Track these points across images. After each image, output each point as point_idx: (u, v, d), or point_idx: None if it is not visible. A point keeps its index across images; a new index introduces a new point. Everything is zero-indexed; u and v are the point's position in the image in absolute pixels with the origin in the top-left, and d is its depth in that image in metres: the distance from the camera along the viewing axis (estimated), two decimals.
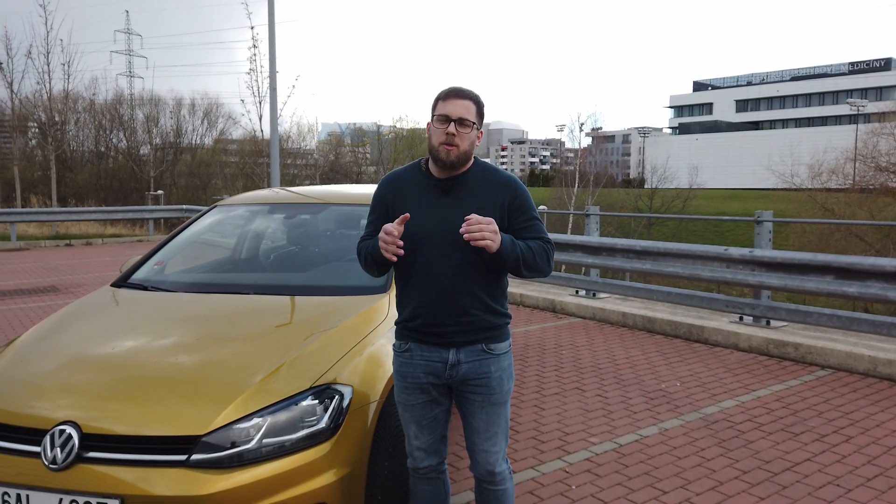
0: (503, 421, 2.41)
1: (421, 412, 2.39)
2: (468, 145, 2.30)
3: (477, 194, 2.32)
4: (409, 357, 2.37)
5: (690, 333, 6.53)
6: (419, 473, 2.47)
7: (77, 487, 2.21)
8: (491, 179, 2.36)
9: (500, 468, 2.42)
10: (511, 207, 2.33)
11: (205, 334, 2.86)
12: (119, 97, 43.49)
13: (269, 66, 12.78)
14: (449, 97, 2.31)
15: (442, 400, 2.41)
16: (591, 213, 8.09)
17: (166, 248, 3.84)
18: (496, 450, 2.40)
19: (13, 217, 17.19)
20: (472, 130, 2.30)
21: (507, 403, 2.42)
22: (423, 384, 2.36)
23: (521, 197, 2.36)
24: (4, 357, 2.80)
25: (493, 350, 2.36)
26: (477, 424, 2.38)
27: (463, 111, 2.28)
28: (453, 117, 2.27)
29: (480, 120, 2.34)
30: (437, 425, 2.42)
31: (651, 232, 36.04)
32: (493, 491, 2.45)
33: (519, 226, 2.33)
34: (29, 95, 22.14)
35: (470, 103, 2.31)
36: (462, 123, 2.28)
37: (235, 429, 2.32)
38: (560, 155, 74.62)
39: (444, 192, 2.33)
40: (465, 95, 2.32)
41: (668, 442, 3.98)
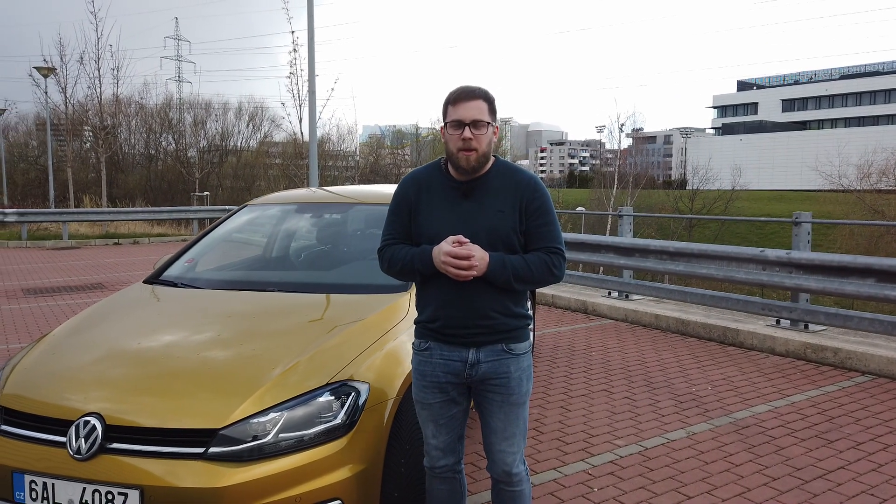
0: (521, 421, 2.39)
1: (439, 411, 2.38)
2: (486, 146, 2.27)
3: (497, 196, 2.30)
4: (429, 356, 2.36)
5: (725, 337, 6.39)
6: (435, 472, 2.47)
7: (100, 477, 2.28)
8: (511, 180, 2.33)
9: (517, 469, 2.40)
10: (528, 210, 2.30)
11: (227, 330, 2.92)
12: (168, 101, 44.73)
13: (308, 70, 12.97)
14: (459, 100, 2.26)
15: (460, 399, 2.40)
16: (623, 214, 7.99)
17: (197, 246, 3.94)
18: (513, 450, 2.38)
19: (65, 217, 17.83)
20: (488, 130, 2.27)
21: (525, 404, 2.40)
22: (442, 383, 2.35)
23: (539, 200, 2.32)
24: (36, 350, 2.91)
25: (512, 350, 2.34)
26: (495, 424, 2.37)
27: (475, 113, 2.24)
28: (466, 121, 2.23)
29: (494, 116, 2.31)
30: (454, 424, 2.42)
31: (692, 234, 35.35)
32: (510, 492, 2.44)
33: (533, 230, 2.30)
34: (81, 100, 22.88)
35: (481, 102, 2.26)
36: (476, 125, 2.24)
37: (253, 423, 2.37)
38: (600, 156, 73.86)
39: (464, 195, 2.32)
40: (475, 95, 2.27)
41: (696, 446, 3.91)
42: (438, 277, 2.27)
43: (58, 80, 21.73)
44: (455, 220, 2.29)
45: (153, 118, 42.93)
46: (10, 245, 16.68)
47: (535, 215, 2.30)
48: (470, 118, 2.24)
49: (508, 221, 2.28)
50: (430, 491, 2.52)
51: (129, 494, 2.25)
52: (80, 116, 23.28)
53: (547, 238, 2.30)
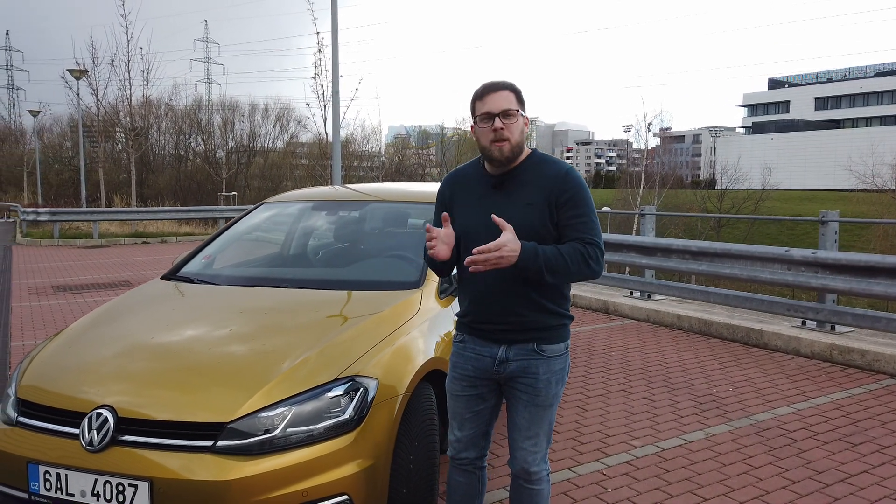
0: (546, 423, 2.37)
1: (466, 404, 2.39)
2: (518, 135, 2.26)
3: (527, 188, 2.27)
4: (463, 348, 2.39)
5: (749, 338, 6.27)
6: (456, 463, 2.47)
7: (111, 469, 2.31)
8: (544, 171, 2.29)
9: (537, 468, 2.38)
10: (559, 202, 2.23)
11: (239, 326, 2.94)
12: (198, 103, 45.44)
13: (332, 70, 13.05)
14: (486, 93, 2.26)
15: (488, 396, 2.39)
16: (646, 213, 7.89)
17: (214, 243, 3.99)
18: (536, 449, 2.36)
19: (96, 216, 18.23)
20: (518, 118, 2.26)
21: (553, 406, 2.37)
22: (471, 377, 2.36)
23: (571, 191, 2.24)
24: (53, 344, 2.97)
25: (544, 351, 2.30)
26: (520, 422, 2.35)
27: (504, 103, 2.24)
28: (496, 111, 2.23)
29: (523, 106, 2.30)
30: (479, 420, 2.41)
31: (720, 235, 34.82)
32: (528, 489, 2.42)
33: (565, 222, 2.23)
34: (112, 102, 23.34)
35: (507, 93, 2.26)
36: (507, 115, 2.23)
37: (261, 417, 2.38)
38: (627, 156, 73.18)
39: (494, 187, 2.31)
40: (501, 87, 2.27)
41: (714, 448, 3.84)
42: (469, 273, 2.20)
43: (89, 83, 22.19)
44: (483, 212, 2.24)
45: (183, 119, 43.67)
46: (42, 243, 17.09)
47: (566, 206, 2.23)
48: (499, 108, 2.23)
49: (537, 214, 2.23)
50: (449, 482, 2.52)
51: (138, 486, 2.27)
52: (111, 118, 23.72)
53: (581, 229, 2.22)
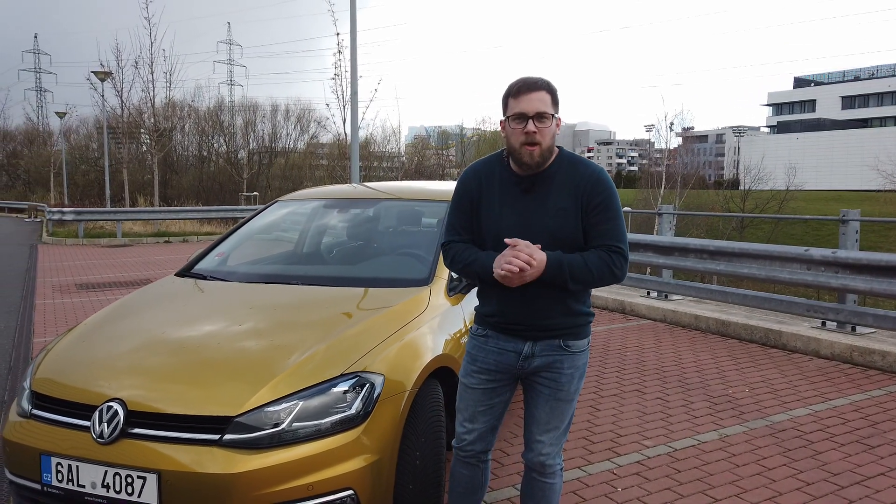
0: (566, 417, 2.38)
1: (480, 397, 2.39)
2: (550, 139, 2.20)
3: (560, 192, 2.23)
4: (484, 342, 2.37)
5: (767, 338, 6.19)
6: (461, 456, 2.47)
7: (120, 461, 2.34)
8: (574, 174, 2.23)
9: (551, 461, 2.39)
10: (589, 206, 2.20)
11: (248, 321, 2.97)
12: (220, 104, 45.93)
13: (351, 70, 13.10)
14: (521, 92, 2.18)
15: (503, 391, 2.40)
16: (663, 213, 7.82)
17: (228, 240, 4.03)
18: (553, 443, 2.37)
19: (119, 216, 18.53)
20: (552, 122, 2.19)
21: (573, 401, 2.38)
22: (491, 371, 2.36)
23: (601, 195, 2.20)
24: (67, 338, 3.02)
25: (569, 347, 2.32)
26: (539, 415, 2.36)
27: (539, 105, 2.16)
28: (530, 114, 2.15)
29: (557, 107, 2.22)
30: (492, 414, 2.42)
31: (743, 236, 34.36)
32: (542, 483, 2.43)
33: (593, 226, 2.21)
34: (136, 103, 23.67)
35: (544, 94, 2.18)
36: (541, 118, 2.16)
37: (267, 411, 2.40)
38: (649, 156, 72.60)
39: (525, 191, 2.26)
40: (538, 87, 2.18)
41: (728, 449, 3.80)
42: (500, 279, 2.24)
43: (114, 84, 22.54)
44: (516, 219, 2.24)
45: (205, 121, 44.16)
46: (67, 242, 17.40)
47: (595, 211, 2.20)
48: (533, 111, 2.16)
49: (571, 221, 2.21)
50: (452, 473, 2.53)
51: (147, 478, 2.30)
52: (135, 119, 24.06)
53: (607, 236, 2.20)
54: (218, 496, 2.27)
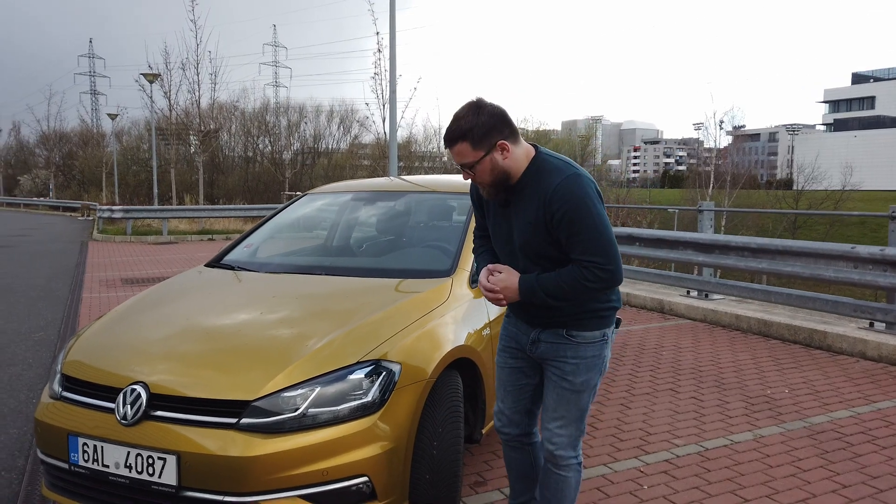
0: (574, 408, 2.36)
1: (508, 377, 2.49)
2: (492, 174, 2.19)
3: (527, 205, 2.22)
4: (509, 322, 2.51)
5: (811, 339, 5.97)
6: (503, 438, 2.57)
7: (142, 442, 2.39)
8: (539, 187, 2.18)
9: (562, 452, 2.39)
10: (553, 221, 2.15)
11: (270, 309, 3.01)
12: (265, 106, 46.82)
13: (390, 67, 13.18)
14: (446, 145, 2.22)
15: (531, 373, 2.47)
16: (704, 209, 7.63)
17: (258, 232, 4.09)
18: (561, 432, 2.37)
19: (165, 213, 19.07)
20: (484, 159, 2.16)
21: (583, 393, 2.35)
22: (513, 349, 2.47)
23: (562, 209, 2.11)
24: (97, 324, 3.11)
25: (574, 337, 2.31)
26: (548, 402, 2.41)
27: (460, 158, 2.18)
28: (458, 163, 2.22)
29: (489, 140, 2.14)
30: (521, 396, 2.48)
31: (795, 237, 33.30)
32: (555, 475, 2.43)
33: (564, 241, 2.16)
34: (183, 104, 24.27)
35: (461, 146, 2.16)
36: (468, 167, 2.19)
37: (283, 396, 2.42)
38: (698, 155, 71.05)
39: (503, 205, 2.32)
40: (455, 139, 2.16)
41: (762, 449, 3.67)
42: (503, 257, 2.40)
43: (162, 86, 23.16)
44: (502, 231, 2.35)
45: (251, 122, 45.06)
46: (116, 240, 17.97)
47: (559, 226, 2.14)
48: (459, 163, 2.21)
49: (539, 234, 2.21)
50: (504, 456, 2.64)
51: (167, 459, 2.35)
52: (182, 121, 24.69)
53: (576, 250, 2.14)
54: (234, 478, 2.30)
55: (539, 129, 49.91)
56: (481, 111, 2.15)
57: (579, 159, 51.77)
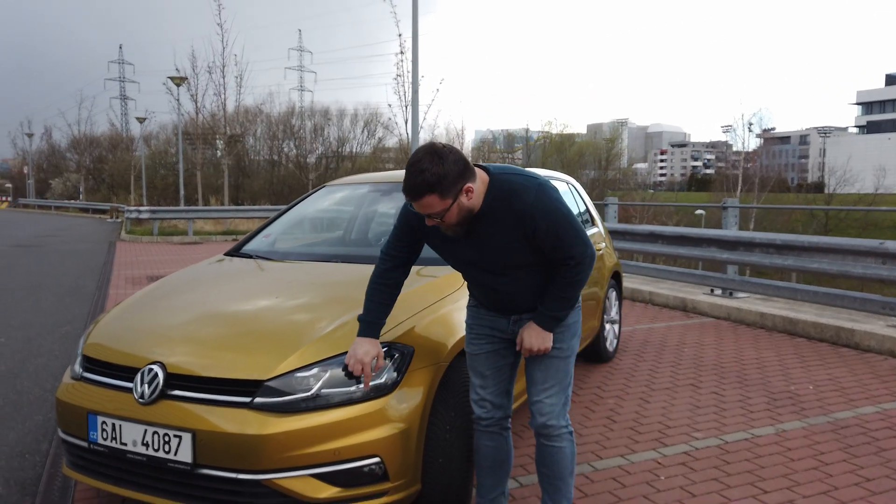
0: (561, 374, 2.43)
1: (485, 362, 2.49)
2: (458, 217, 2.17)
3: (502, 229, 2.23)
4: (477, 311, 2.52)
5: (838, 337, 5.85)
6: (482, 426, 2.52)
7: (159, 420, 2.43)
8: (511, 209, 2.19)
9: (554, 422, 2.41)
10: (535, 237, 2.21)
11: (287, 294, 3.04)
12: (291, 110, 47.30)
13: (412, 70, 13.21)
14: (410, 199, 2.14)
15: (506, 354, 2.50)
16: (728, 206, 7.53)
17: (276, 223, 4.13)
18: (551, 401, 2.41)
19: (191, 214, 19.36)
20: (450, 205, 2.12)
21: (568, 359, 2.44)
22: (488, 334, 2.48)
23: (542, 226, 2.18)
24: (117, 308, 3.17)
25: None
26: (535, 375, 2.44)
27: (426, 210, 2.13)
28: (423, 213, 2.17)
29: (457, 187, 2.11)
30: (501, 377, 2.50)
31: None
32: (550, 447, 2.45)
33: (543, 247, 2.24)
34: (209, 107, 24.60)
35: (429, 199, 2.09)
36: (435, 216, 2.15)
37: (297, 376, 2.44)
38: (726, 158, 69.97)
39: (467, 234, 2.28)
40: (418, 193, 2.09)
41: (784, 443, 3.61)
42: (469, 280, 2.47)
43: (189, 89, 23.53)
44: (463, 251, 2.33)
45: (276, 126, 45.57)
46: (143, 240, 18.28)
47: (545, 239, 2.21)
48: (425, 213, 2.16)
49: (519, 250, 2.26)
50: (477, 447, 2.58)
51: (182, 437, 2.38)
52: (209, 124, 25.03)
53: (562, 252, 2.24)
54: (247, 455, 2.32)
55: (563, 131, 49.66)
56: (444, 159, 2.07)
57: (604, 163, 51.40)
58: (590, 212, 5.33)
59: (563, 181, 5.06)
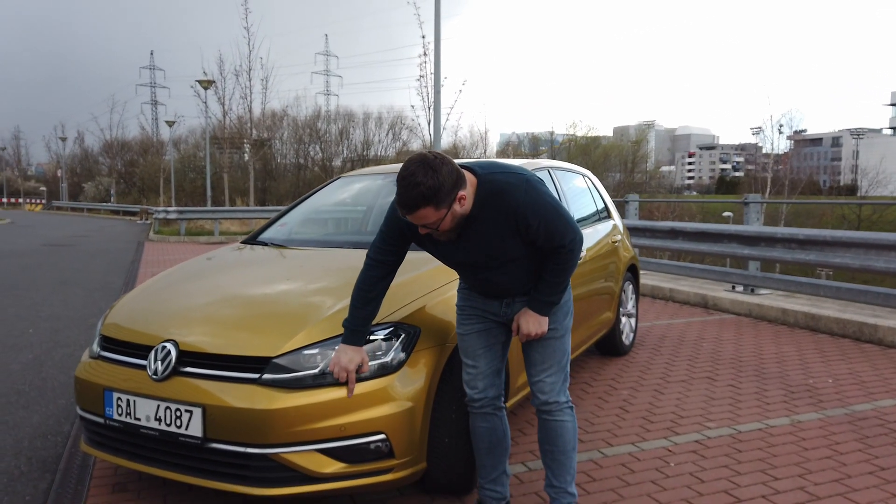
0: (559, 354, 2.47)
1: (478, 340, 2.51)
2: (451, 224, 2.19)
3: (494, 228, 2.25)
4: (468, 293, 2.55)
5: (861, 333, 5.75)
6: (475, 407, 2.53)
7: (171, 396, 2.50)
8: (500, 208, 2.21)
9: (555, 398, 2.46)
10: (527, 232, 2.25)
11: (298, 278, 3.10)
12: (317, 113, 47.77)
13: (435, 72, 13.28)
14: (405, 212, 2.13)
15: (497, 333, 2.53)
16: (749, 202, 7.44)
17: (292, 212, 4.20)
18: (551, 380, 2.46)
19: (216, 215, 19.71)
20: (445, 216, 2.14)
21: (563, 338, 2.48)
22: (479, 315, 2.51)
23: (533, 222, 2.21)
24: (134, 291, 3.27)
25: None
26: (533, 357, 2.48)
27: (420, 221, 2.14)
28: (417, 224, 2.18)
29: (451, 197, 2.11)
30: (491, 356, 2.52)
31: None
32: (552, 422, 2.48)
33: (537, 242, 2.29)
34: (236, 110, 24.96)
35: (424, 211, 2.09)
36: (431, 226, 2.17)
37: (303, 354, 2.49)
38: (756, 161, 68.85)
39: (457, 238, 2.30)
40: (414, 206, 2.08)
41: (798, 433, 3.57)
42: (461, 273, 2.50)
43: (216, 92, 23.90)
44: (456, 251, 2.35)
45: (303, 130, 46.05)
46: (170, 240, 18.62)
47: (537, 233, 2.25)
48: (419, 224, 2.16)
49: (511, 245, 2.29)
50: (472, 430, 2.59)
51: (193, 412, 2.44)
52: (236, 128, 25.40)
53: (553, 242, 2.28)
54: (254, 429, 2.38)
55: (587, 134, 49.35)
56: (437, 170, 2.06)
57: (630, 165, 50.95)
58: (606, 205, 5.31)
59: (579, 174, 5.06)
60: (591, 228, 4.69)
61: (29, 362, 5.17)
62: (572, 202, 4.49)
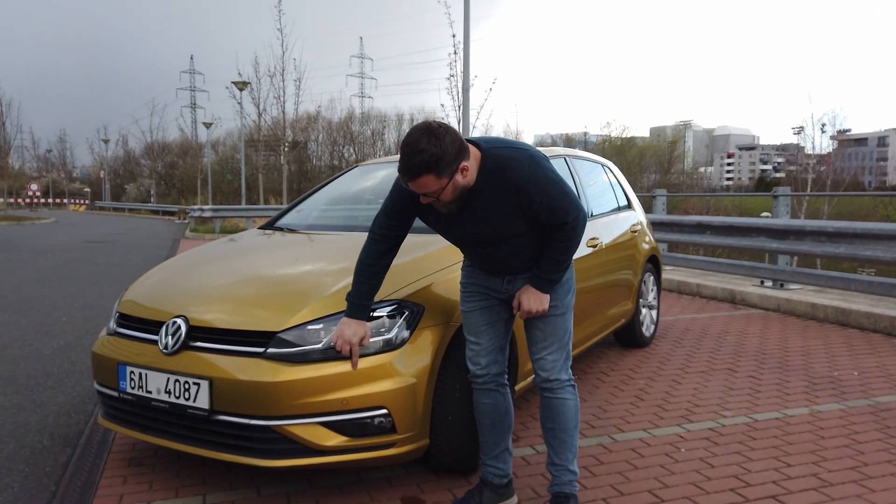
0: (560, 332, 2.46)
1: (480, 316, 2.51)
2: (453, 195, 2.19)
3: (496, 201, 2.24)
4: (472, 271, 2.56)
5: (893, 328, 5.59)
6: (478, 383, 2.53)
7: (180, 369, 2.57)
8: (503, 181, 2.21)
9: (557, 375, 2.45)
10: (531, 208, 2.24)
11: (306, 257, 3.16)
12: (351, 115, 48.25)
13: (463, 67, 13.31)
14: (404, 177, 2.13)
15: (500, 310, 2.52)
16: (779, 195, 7.28)
17: (309, 199, 4.27)
18: (553, 358, 2.46)
19: (250, 213, 20.17)
20: (446, 184, 2.13)
21: (564, 315, 2.47)
22: (482, 292, 2.51)
23: (536, 197, 2.20)
24: (150, 272, 3.39)
25: None
26: (534, 334, 2.48)
27: (422, 189, 2.14)
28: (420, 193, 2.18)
29: (453, 166, 2.11)
30: (494, 332, 2.51)
31: None
32: (553, 399, 2.47)
33: (540, 218, 2.28)
34: (270, 111, 25.32)
35: (426, 178, 2.09)
36: (432, 195, 2.16)
37: (308, 329, 2.53)
38: (798, 161, 67.20)
39: (461, 210, 2.30)
40: (416, 173, 2.08)
41: (817, 423, 3.49)
42: (464, 249, 2.50)
43: (251, 93, 24.30)
44: (459, 226, 2.35)
45: (337, 132, 46.56)
46: (206, 237, 19.00)
47: (540, 209, 2.24)
48: (421, 193, 2.17)
49: (514, 219, 2.28)
50: (476, 406, 2.59)
51: (200, 384, 2.51)
52: (271, 130, 25.78)
53: (557, 218, 2.26)
54: (259, 401, 2.43)
55: (623, 134, 48.83)
56: (440, 137, 2.06)
57: (666, 165, 50.24)
58: (627, 195, 5.27)
59: (598, 164, 5.03)
60: (609, 218, 4.65)
61: (60, 347, 5.34)
62: (589, 191, 4.46)
